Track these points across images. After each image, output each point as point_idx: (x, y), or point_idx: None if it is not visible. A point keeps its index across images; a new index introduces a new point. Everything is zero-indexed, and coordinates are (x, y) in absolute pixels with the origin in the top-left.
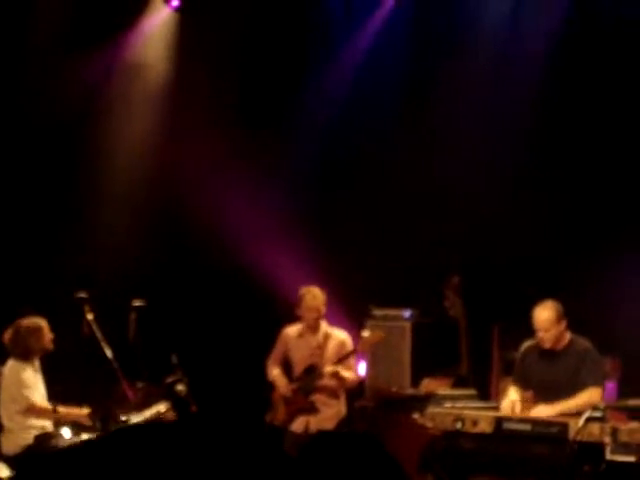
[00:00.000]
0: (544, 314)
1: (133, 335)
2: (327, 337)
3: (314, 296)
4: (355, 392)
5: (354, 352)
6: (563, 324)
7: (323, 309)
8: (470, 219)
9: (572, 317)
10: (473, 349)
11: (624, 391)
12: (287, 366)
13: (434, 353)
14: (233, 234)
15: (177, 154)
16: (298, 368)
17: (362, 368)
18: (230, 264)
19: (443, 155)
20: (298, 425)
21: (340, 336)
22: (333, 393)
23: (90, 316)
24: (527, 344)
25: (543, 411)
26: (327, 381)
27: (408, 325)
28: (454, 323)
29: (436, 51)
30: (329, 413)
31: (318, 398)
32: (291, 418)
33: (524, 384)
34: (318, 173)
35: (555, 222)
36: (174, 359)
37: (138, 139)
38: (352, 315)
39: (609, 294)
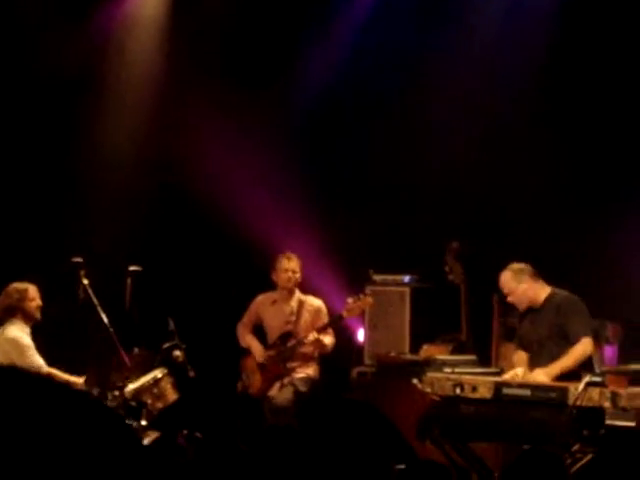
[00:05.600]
0: (501, 277)
1: (129, 301)
2: (301, 304)
3: (289, 259)
4: (354, 358)
5: (341, 318)
6: (527, 283)
7: (298, 274)
8: (471, 184)
9: (572, 281)
10: (473, 315)
11: (625, 356)
12: (260, 333)
13: (434, 319)
14: (231, 199)
15: (174, 117)
16: (272, 335)
17: (361, 334)
18: (227, 229)
19: (444, 123)
20: (274, 391)
21: (315, 303)
22: (309, 359)
23: (86, 281)
24: None
25: (541, 377)
26: (306, 348)
27: (407, 290)
28: (454, 289)
29: (437, 21)
30: (302, 375)
31: (294, 364)
32: (268, 385)
33: (521, 346)
34: (316, 140)
35: (556, 186)
36: (171, 325)
37: (134, 103)
38: (352, 280)
39: (610, 258)
